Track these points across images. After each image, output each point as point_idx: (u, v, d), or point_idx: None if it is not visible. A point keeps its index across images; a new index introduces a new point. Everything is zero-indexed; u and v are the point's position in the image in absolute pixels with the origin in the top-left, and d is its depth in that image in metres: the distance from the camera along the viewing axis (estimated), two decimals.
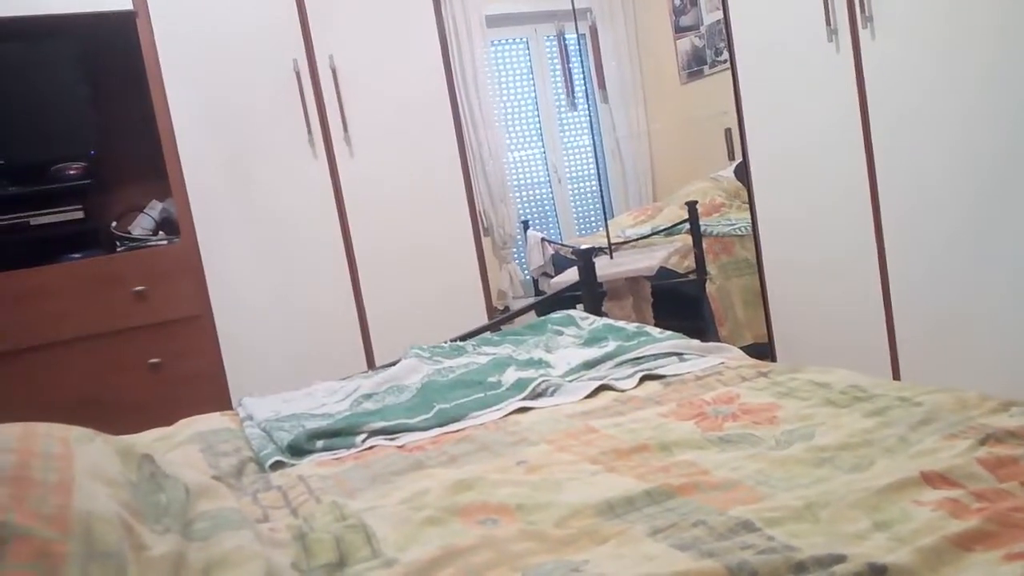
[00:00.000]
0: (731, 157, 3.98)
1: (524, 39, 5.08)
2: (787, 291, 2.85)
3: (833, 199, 2.55)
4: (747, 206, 3.03)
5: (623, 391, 1.62)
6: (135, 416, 2.17)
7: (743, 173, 3.02)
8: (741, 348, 1.87)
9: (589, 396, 1.61)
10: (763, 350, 3.03)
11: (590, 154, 5.16)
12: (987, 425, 1.09)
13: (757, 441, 1.22)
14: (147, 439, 1.61)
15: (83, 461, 0.92)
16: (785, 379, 1.50)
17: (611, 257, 3.67)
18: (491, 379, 1.78)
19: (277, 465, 1.44)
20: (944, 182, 2.18)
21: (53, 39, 2.67)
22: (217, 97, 2.78)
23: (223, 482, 1.26)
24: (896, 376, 2.44)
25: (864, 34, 2.30)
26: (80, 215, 2.66)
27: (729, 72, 2.90)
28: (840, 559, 0.80)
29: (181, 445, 1.58)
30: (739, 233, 3.58)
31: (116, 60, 2.79)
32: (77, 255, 2.65)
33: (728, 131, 3.84)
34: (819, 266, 2.67)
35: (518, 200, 5.05)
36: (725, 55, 3.26)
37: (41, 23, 2.58)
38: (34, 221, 2.60)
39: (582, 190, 5.27)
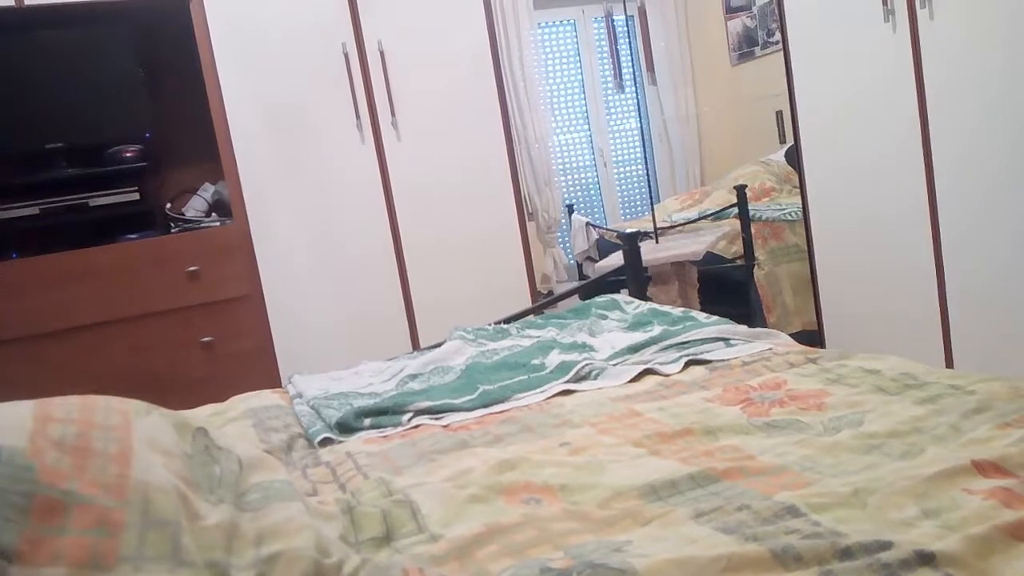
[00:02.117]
0: (782, 140, 3.91)
1: (571, 21, 5.05)
2: (838, 277, 2.80)
3: (887, 186, 2.50)
4: (798, 191, 2.98)
5: (667, 375, 1.61)
6: (188, 393, 2.24)
7: (794, 157, 2.97)
8: (790, 335, 1.85)
9: (633, 380, 1.61)
10: (812, 338, 2.98)
11: (637, 137, 5.12)
12: None
13: (804, 427, 1.21)
14: (202, 414, 1.66)
15: (141, 433, 0.95)
16: (834, 366, 1.48)
17: (657, 242, 3.64)
18: (535, 361, 1.79)
19: (325, 441, 1.47)
20: (1003, 170, 2.11)
21: (109, 24, 2.74)
22: (268, 81, 2.82)
23: (274, 456, 1.29)
24: (949, 364, 2.38)
25: (922, 14, 2.24)
26: (136, 197, 2.73)
27: (781, 53, 2.85)
28: (887, 545, 0.79)
29: (234, 420, 1.62)
30: (789, 218, 3.52)
31: (170, 45, 2.85)
32: (133, 236, 2.72)
33: (779, 114, 3.77)
34: (872, 252, 2.62)
35: (563, 184, 5.03)
36: (777, 36, 3.20)
37: (99, 9, 2.64)
38: (92, 202, 2.67)
39: (628, 174, 5.23)
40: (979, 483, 0.92)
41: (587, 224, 4.69)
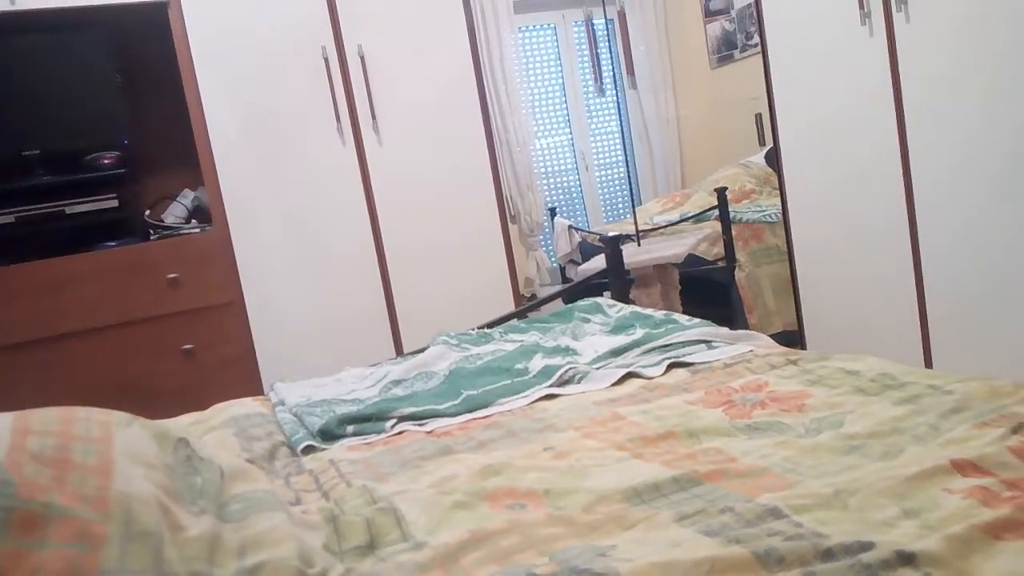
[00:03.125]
0: (761, 143, 3.94)
1: (552, 25, 5.06)
2: (818, 278, 2.82)
3: (865, 186, 2.52)
4: (777, 192, 3.00)
5: (650, 378, 1.62)
6: (169, 401, 2.21)
7: (774, 159, 2.99)
8: (771, 336, 1.86)
9: (616, 383, 1.62)
10: (793, 338, 3.01)
11: (618, 140, 5.13)
12: (1019, 413, 1.08)
13: (785, 429, 1.22)
14: (183, 423, 1.64)
15: (121, 444, 0.94)
16: (814, 367, 1.49)
17: (639, 244, 3.66)
18: (518, 366, 1.79)
19: (308, 449, 1.47)
20: (980, 172, 2.14)
21: (86, 30, 2.71)
22: (247, 86, 2.81)
23: (256, 465, 1.29)
24: (928, 365, 2.41)
25: (898, 17, 2.26)
26: (114, 204, 2.71)
27: (760, 56, 2.87)
28: (868, 546, 0.80)
29: (215, 429, 1.60)
30: (769, 220, 3.55)
31: (148, 51, 2.83)
32: (112, 243, 2.69)
33: (758, 116, 3.80)
34: (851, 253, 2.64)
35: (545, 187, 5.04)
36: (756, 39, 3.23)
37: (75, 14, 2.62)
38: (69, 210, 2.64)
39: (610, 177, 5.25)
40: (958, 482, 0.93)
41: (569, 227, 4.70)
